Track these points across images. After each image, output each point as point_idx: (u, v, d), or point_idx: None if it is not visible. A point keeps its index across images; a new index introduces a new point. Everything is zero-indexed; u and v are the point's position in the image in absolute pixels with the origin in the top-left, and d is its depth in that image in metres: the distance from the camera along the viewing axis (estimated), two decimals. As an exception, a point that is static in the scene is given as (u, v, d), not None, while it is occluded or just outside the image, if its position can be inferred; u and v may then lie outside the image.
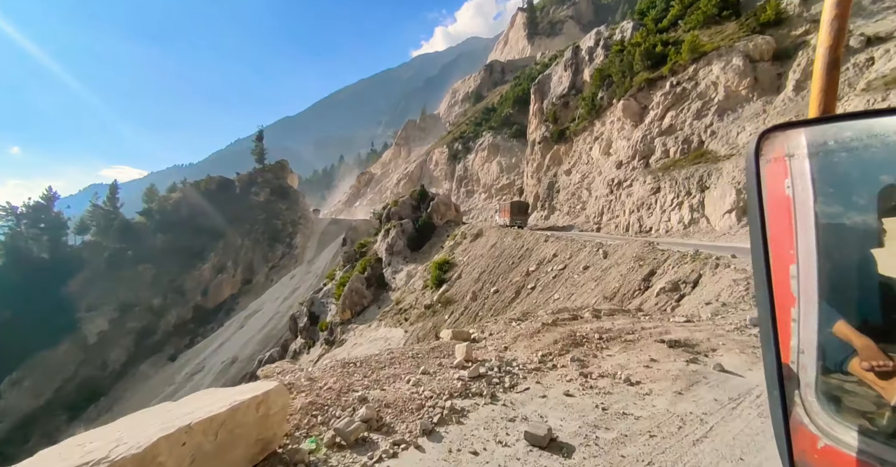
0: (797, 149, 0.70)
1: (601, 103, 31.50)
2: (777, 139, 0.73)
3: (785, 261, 0.72)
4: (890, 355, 0.65)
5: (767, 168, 0.73)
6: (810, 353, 0.72)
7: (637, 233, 21.76)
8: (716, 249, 13.65)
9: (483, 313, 16.74)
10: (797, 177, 0.69)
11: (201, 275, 52.62)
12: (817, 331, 0.71)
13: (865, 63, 19.30)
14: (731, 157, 19.64)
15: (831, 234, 0.69)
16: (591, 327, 4.74)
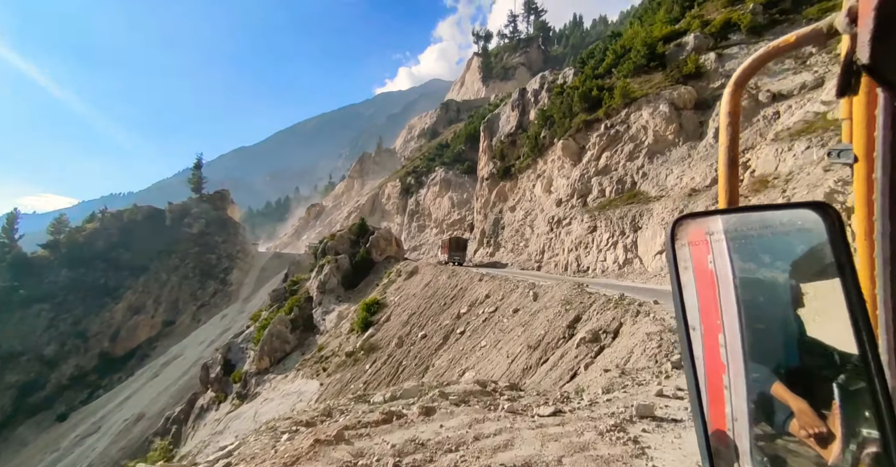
0: (715, 230, 0.78)
1: (544, 142, 32.12)
2: (691, 225, 0.81)
3: (714, 330, 0.76)
4: (824, 412, 0.67)
5: (692, 249, 0.79)
6: (742, 420, 0.73)
7: (575, 273, 21.15)
8: (644, 292, 12.94)
9: (407, 362, 14.83)
10: (717, 255, 0.76)
11: (112, 316, 46.33)
12: (746, 397, 0.73)
13: (772, 116, 20.72)
14: (660, 199, 19.84)
15: (752, 302, 0.74)
16: (396, 442, 3.07)
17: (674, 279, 0.79)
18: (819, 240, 0.65)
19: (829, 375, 0.66)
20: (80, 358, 42.87)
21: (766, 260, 0.75)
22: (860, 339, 0.60)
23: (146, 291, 50.01)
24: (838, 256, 0.63)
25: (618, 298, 10.99)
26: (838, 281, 0.63)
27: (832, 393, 0.66)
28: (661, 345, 6.32)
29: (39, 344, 42.25)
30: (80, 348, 43.53)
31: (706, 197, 17.37)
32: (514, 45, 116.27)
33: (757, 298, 0.75)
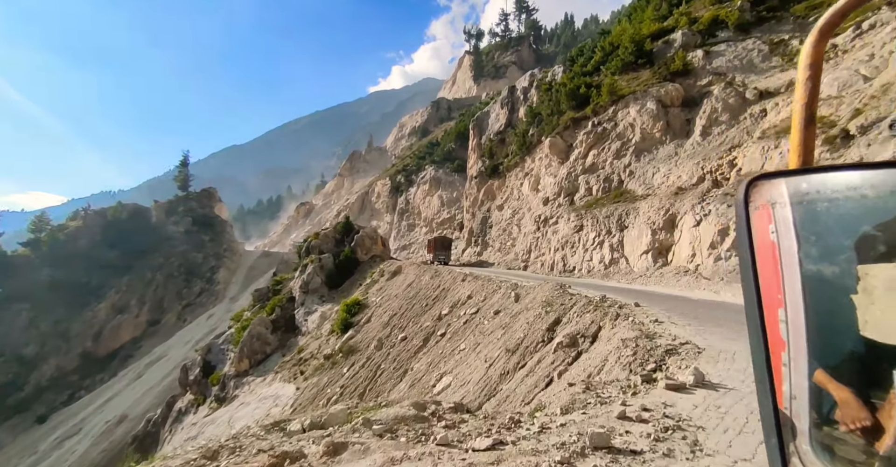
0: (780, 197, 0.73)
1: (531, 140, 31.80)
2: (763, 187, 0.76)
3: (774, 305, 0.73)
4: (873, 402, 0.65)
5: (755, 214, 0.75)
6: (802, 400, 0.71)
7: (561, 273, 20.87)
8: (628, 293, 12.68)
9: (386, 365, 14.42)
10: (780, 224, 0.72)
11: (95, 316, 45.33)
12: (807, 377, 0.71)
13: (759, 113, 20.56)
14: (647, 197, 19.60)
15: (814, 279, 0.70)
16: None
17: (745, 244, 0.74)
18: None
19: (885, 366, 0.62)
20: (60, 358, 41.88)
21: (834, 231, 0.68)
22: None
23: (130, 290, 49.01)
24: None
25: (598, 300, 10.66)
26: None
27: (885, 384, 0.62)
28: (637, 353, 5.98)
29: (18, 344, 41.20)
30: (62, 348, 42.53)
31: (692, 195, 17.15)
32: (505, 44, 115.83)
33: (818, 276, 0.69)
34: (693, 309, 9.66)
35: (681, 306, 10.07)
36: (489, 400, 9.75)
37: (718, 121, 21.63)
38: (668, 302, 10.87)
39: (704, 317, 8.60)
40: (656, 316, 8.53)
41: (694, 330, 7.22)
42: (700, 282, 14.10)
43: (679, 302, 10.89)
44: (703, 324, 7.71)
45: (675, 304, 10.35)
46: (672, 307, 9.82)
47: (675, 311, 9.12)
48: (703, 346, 6.02)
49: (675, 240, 16.51)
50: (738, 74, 23.11)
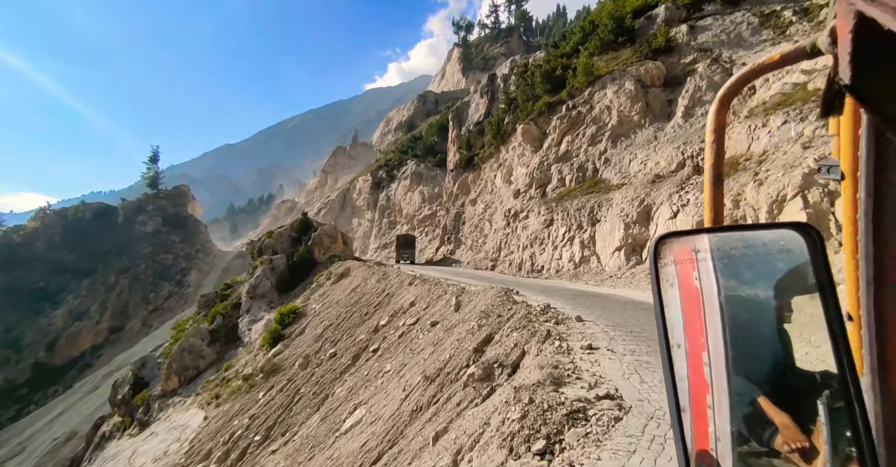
0: (702, 248, 0.78)
1: (507, 128, 29.45)
2: (675, 243, 0.82)
3: (698, 349, 0.76)
4: (810, 427, 0.68)
5: (678, 266, 0.80)
6: (725, 440, 0.73)
7: (529, 273, 18.61)
8: (586, 299, 10.42)
9: (307, 389, 12.08)
10: (703, 272, 0.76)
11: (50, 323, 42.65)
12: (730, 416, 0.73)
13: (748, 91, 18.35)
14: (621, 187, 17.34)
15: (737, 320, 0.74)
16: None
17: (656, 297, 0.77)
18: (801, 259, 0.67)
19: (813, 392, 0.67)
20: (9, 370, 39.23)
21: (750, 278, 0.75)
22: (839, 360, 0.61)
23: (91, 295, 46.31)
24: (819, 277, 0.65)
25: (539, 311, 8.41)
26: None
27: (817, 410, 0.66)
28: (527, 416, 3.68)
29: (-36, 355, 38.52)
30: (12, 359, 39.88)
31: (671, 183, 14.90)
32: (494, 36, 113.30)
33: (742, 316, 0.74)
34: (651, 322, 7.38)
35: (639, 317, 7.81)
36: (391, 448, 7.47)
37: (702, 100, 19.40)
38: (626, 311, 8.60)
39: (666, 338, 6.33)
40: (595, 337, 6.26)
41: (634, 363, 4.93)
42: (675, 284, 11.85)
43: (641, 311, 8.61)
44: (656, 352, 5.43)
45: (633, 315, 8.08)
46: (627, 320, 7.55)
47: (626, 328, 6.85)
48: (630, 401, 3.74)
49: (650, 235, 14.26)
50: (725, 50, 20.89)
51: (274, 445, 9.97)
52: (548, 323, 7.39)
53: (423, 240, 43.81)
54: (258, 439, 10.50)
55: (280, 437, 10.26)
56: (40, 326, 42.17)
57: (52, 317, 43.00)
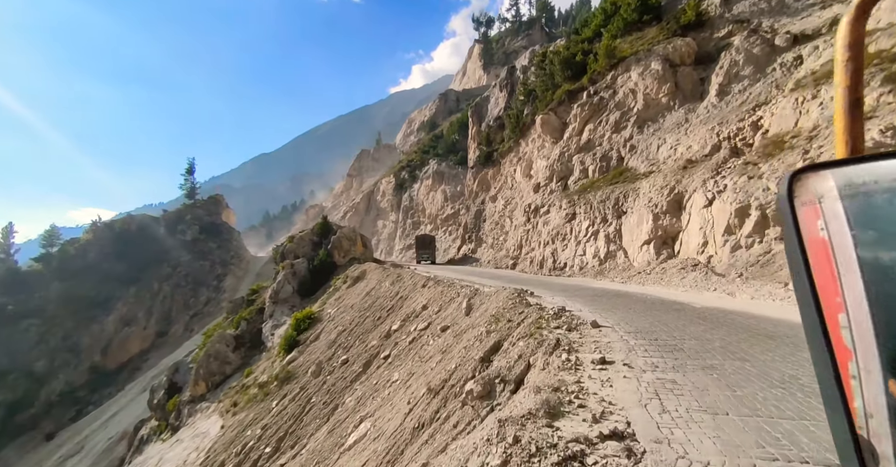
0: (828, 191, 0.67)
1: (526, 120, 28.33)
2: (808, 180, 0.70)
3: (833, 309, 0.65)
4: None
5: (803, 211, 0.69)
6: (881, 417, 0.61)
7: (551, 271, 17.56)
8: (609, 300, 9.43)
9: (318, 398, 11.76)
10: (831, 219, 0.66)
11: (103, 329, 45.41)
12: (884, 389, 0.61)
13: (794, 62, 16.50)
14: (649, 175, 15.98)
15: (880, 277, 0.62)
16: None
17: (794, 244, 0.67)
18: None
19: None
20: (70, 373, 42.09)
21: None
22: None
23: (138, 302, 48.99)
24: None
25: (552, 315, 7.58)
26: None
27: None
28: (509, 461, 2.94)
29: (28, 360, 41.67)
30: (71, 363, 42.77)
31: (705, 168, 13.48)
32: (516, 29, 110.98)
33: (885, 272, 0.61)
34: (684, 326, 6.38)
35: (667, 321, 6.81)
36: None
37: (740, 76, 17.66)
38: (652, 313, 7.58)
39: (693, 344, 5.36)
40: (611, 347, 5.39)
41: (654, 383, 4.06)
42: (710, 279, 10.58)
43: (671, 312, 7.57)
44: (684, 366, 4.51)
45: (660, 318, 7.08)
46: (652, 324, 6.58)
47: (650, 334, 5.92)
48: (644, 442, 2.92)
49: (682, 226, 12.95)
50: (765, 19, 19.00)
51: (283, 458, 9.68)
52: (559, 329, 6.56)
53: (447, 240, 43.25)
54: (269, 451, 10.27)
55: (290, 450, 9.96)
56: (94, 332, 45.03)
57: (104, 324, 45.83)
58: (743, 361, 4.67)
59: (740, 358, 4.76)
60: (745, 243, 10.33)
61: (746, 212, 10.51)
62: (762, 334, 5.85)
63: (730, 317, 7.19)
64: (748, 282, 9.47)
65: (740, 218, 10.65)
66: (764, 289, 9.13)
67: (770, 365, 4.46)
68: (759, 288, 9.21)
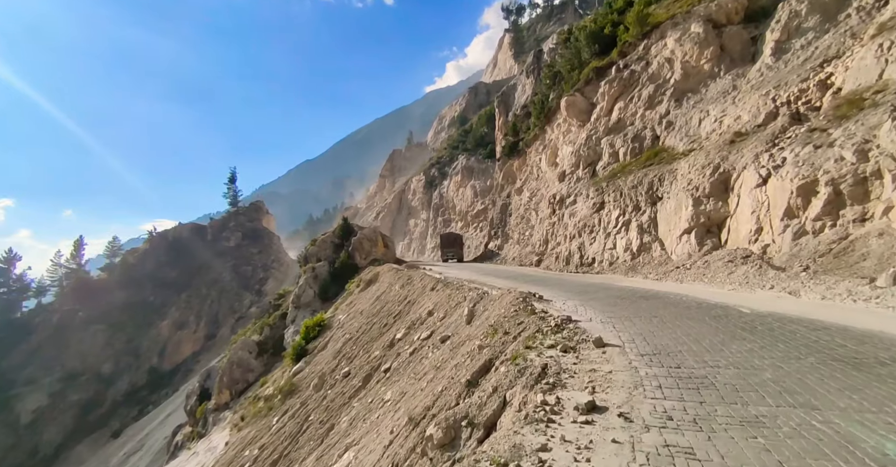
0: None
1: (551, 105, 26.27)
2: None
3: None
4: None
5: None
6: None
7: (578, 267, 15.73)
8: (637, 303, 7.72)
9: (316, 416, 10.95)
10: None
11: (159, 333, 48.52)
12: None
13: (874, 5, 13.54)
14: (689, 154, 13.75)
15: None
16: None
17: None
18: None
19: None
20: (132, 375, 45.29)
21: None
22: None
23: (189, 307, 51.89)
24: None
25: (552, 327, 6.16)
26: None
27: None
28: None
29: (97, 363, 45.30)
30: (133, 365, 46.02)
31: (758, 141, 11.19)
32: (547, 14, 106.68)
33: None
34: (724, 343, 4.67)
35: (702, 335, 5.12)
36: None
37: (802, 29, 14.85)
38: (682, 323, 5.88)
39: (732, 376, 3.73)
40: (612, 380, 3.92)
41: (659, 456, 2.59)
42: (766, 274, 8.52)
43: (710, 322, 5.83)
44: (712, 419, 2.99)
45: (692, 331, 5.39)
46: (677, 342, 4.94)
47: (673, 358, 4.34)
48: None
49: (729, 211, 10.81)
50: (829, -42, 15.94)
51: (271, 485, 8.92)
52: (554, 348, 5.14)
53: (477, 237, 41.80)
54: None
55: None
56: (152, 336, 48.26)
57: (160, 328, 48.99)
58: (810, 410, 3.06)
59: (805, 405, 3.15)
60: (811, 228, 8.19)
61: (813, 189, 8.34)
62: (842, 358, 4.10)
63: (791, 327, 5.37)
64: (817, 278, 7.40)
65: (805, 197, 8.49)
66: (840, 286, 7.06)
67: (857, 424, 2.83)
68: (831, 285, 7.14)
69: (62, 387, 42.22)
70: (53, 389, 41.88)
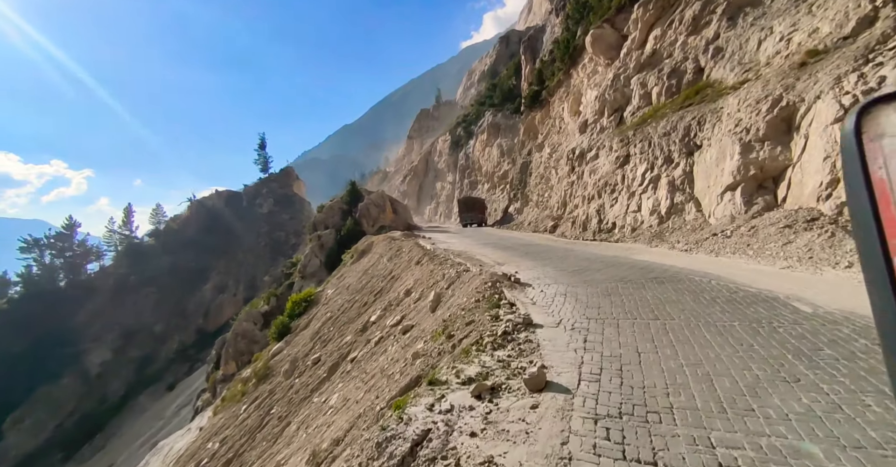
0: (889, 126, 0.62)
1: (577, 43, 22.46)
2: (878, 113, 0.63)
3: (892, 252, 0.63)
4: None
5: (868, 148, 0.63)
6: None
7: (596, 234, 13.35)
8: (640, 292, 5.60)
9: (278, 409, 10.02)
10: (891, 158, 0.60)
11: (203, 295, 51.44)
12: None
13: None
14: (740, 86, 10.56)
15: None
16: None
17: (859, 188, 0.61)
18: None
19: None
20: (181, 334, 48.79)
21: None
22: None
23: (227, 271, 54.33)
24: None
25: (491, 341, 4.33)
26: None
27: None
28: None
29: (150, 322, 49.11)
30: (181, 325, 49.46)
31: (842, 59, 8.02)
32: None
33: None
34: (762, 393, 2.63)
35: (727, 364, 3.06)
36: None
37: None
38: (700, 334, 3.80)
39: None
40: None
41: None
42: (841, 245, 6.03)
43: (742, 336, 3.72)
44: None
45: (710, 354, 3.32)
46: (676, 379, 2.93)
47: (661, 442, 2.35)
48: None
49: (790, 158, 8.01)
50: None
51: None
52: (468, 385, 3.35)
53: (504, 199, 39.25)
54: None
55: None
56: (196, 298, 51.35)
57: (203, 291, 51.93)
58: None
59: None
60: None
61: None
62: None
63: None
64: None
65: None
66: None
67: None
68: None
69: (122, 344, 46.40)
70: (115, 345, 46.13)
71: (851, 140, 0.61)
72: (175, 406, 40.32)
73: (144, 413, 41.68)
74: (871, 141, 0.61)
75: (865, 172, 0.60)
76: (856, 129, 0.62)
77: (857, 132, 0.62)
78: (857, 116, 0.62)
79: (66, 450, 37.72)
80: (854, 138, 0.61)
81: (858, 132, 0.62)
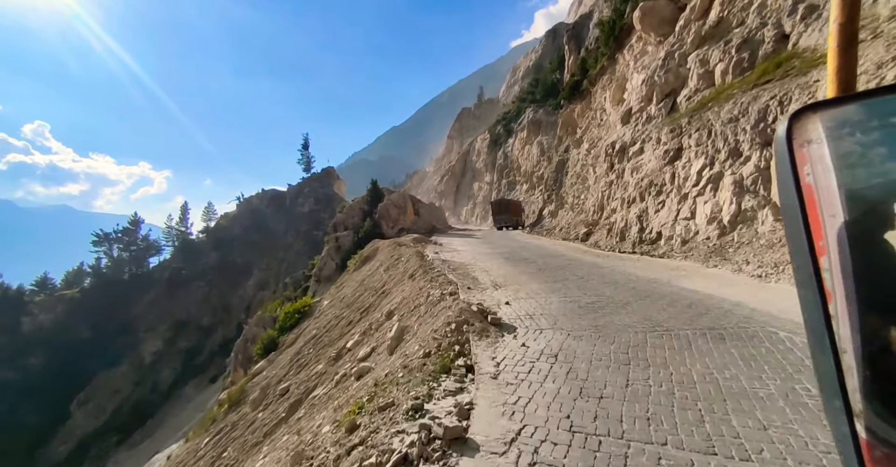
0: (815, 133, 0.65)
1: (624, 23, 19.56)
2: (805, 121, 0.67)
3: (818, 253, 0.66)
4: None
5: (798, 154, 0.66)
6: (850, 354, 0.64)
7: (636, 245, 10.79)
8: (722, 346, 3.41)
9: (232, 451, 8.66)
10: (817, 164, 0.64)
11: (246, 291, 53.31)
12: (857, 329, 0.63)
13: None
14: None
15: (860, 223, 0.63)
16: None
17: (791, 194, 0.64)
18: None
19: None
20: (225, 328, 50.81)
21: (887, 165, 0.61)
22: None
23: (268, 268, 55.95)
24: None
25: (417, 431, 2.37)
26: None
27: None
28: None
29: (199, 315, 51.60)
30: (225, 320, 51.53)
31: None
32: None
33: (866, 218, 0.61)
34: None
35: None
36: None
37: None
38: None
39: None
40: None
41: None
42: None
43: None
44: None
45: None
46: None
47: None
48: None
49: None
50: None
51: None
52: None
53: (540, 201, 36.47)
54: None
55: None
56: (240, 294, 53.36)
57: (246, 287, 53.88)
58: None
59: None
60: None
61: None
62: None
63: None
64: None
65: None
66: None
67: None
68: None
69: (172, 335, 49.10)
70: (167, 336, 48.92)
71: (784, 146, 0.63)
72: (214, 400, 41.72)
73: (190, 403, 43.53)
74: (801, 147, 0.63)
75: (796, 177, 0.62)
76: (787, 136, 0.63)
77: (789, 138, 0.63)
78: (789, 123, 0.64)
79: (120, 434, 40.29)
80: (786, 144, 0.63)
81: (790, 138, 0.63)
